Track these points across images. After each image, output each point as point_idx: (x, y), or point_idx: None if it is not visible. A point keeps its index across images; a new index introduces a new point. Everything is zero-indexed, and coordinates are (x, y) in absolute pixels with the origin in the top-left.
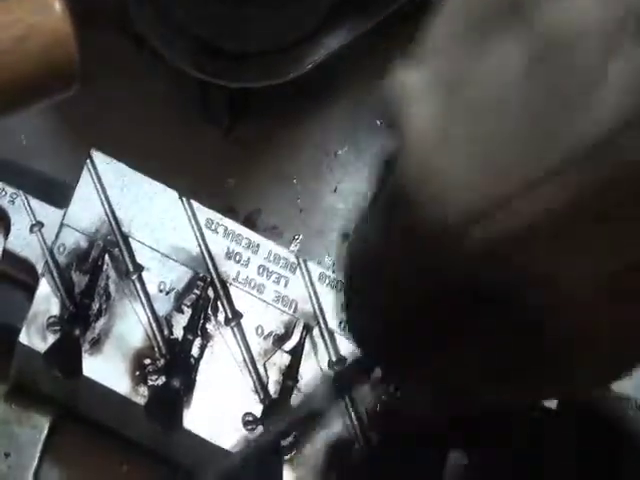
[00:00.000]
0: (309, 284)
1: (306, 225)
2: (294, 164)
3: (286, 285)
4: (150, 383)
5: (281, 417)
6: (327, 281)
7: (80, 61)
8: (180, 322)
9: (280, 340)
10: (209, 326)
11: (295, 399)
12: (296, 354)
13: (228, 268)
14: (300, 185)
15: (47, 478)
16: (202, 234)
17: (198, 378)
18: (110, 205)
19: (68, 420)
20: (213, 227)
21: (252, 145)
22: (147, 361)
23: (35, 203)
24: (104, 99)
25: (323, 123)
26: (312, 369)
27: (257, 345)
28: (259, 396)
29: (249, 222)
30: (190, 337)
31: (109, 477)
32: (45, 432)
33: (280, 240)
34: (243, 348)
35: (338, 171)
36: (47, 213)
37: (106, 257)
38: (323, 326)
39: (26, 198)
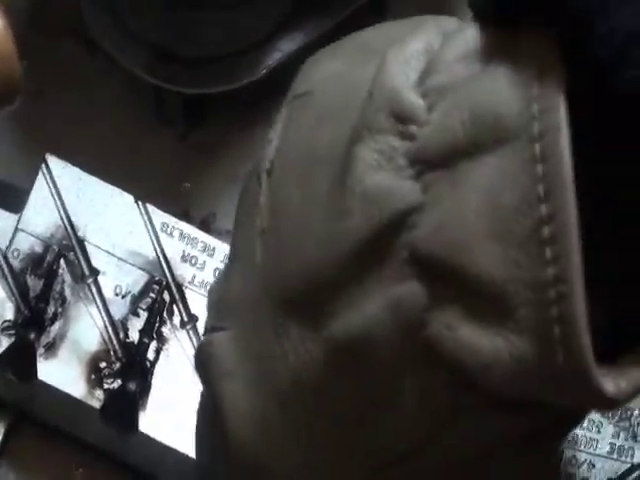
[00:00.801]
0: None
1: None
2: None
3: None
4: (106, 387)
5: None
6: None
7: (22, 77)
8: (136, 325)
9: None
10: (165, 329)
11: None
12: None
13: (184, 271)
14: None
15: None
16: (157, 238)
17: (154, 381)
18: (65, 209)
19: (24, 424)
20: (169, 231)
21: (208, 149)
22: (103, 364)
23: None
24: (58, 105)
25: None
26: None
27: None
28: None
29: (204, 226)
30: (146, 340)
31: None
32: (0, 437)
33: None
34: None
35: None
36: (1, 218)
37: (61, 261)
38: None
39: None
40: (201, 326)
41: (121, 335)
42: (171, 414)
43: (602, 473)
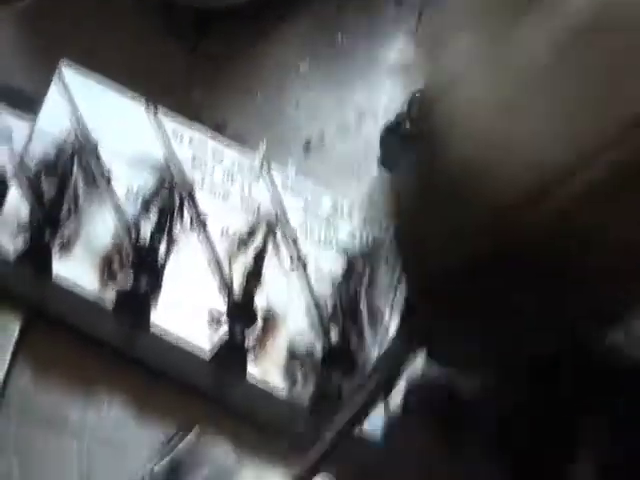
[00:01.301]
0: (273, 189)
1: (269, 136)
2: (257, 79)
3: (250, 191)
4: (118, 285)
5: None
6: (289, 187)
7: None
8: (147, 226)
9: (244, 243)
10: (175, 230)
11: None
12: (259, 256)
13: (194, 175)
14: (263, 99)
15: (18, 379)
16: (168, 143)
17: (165, 280)
18: (79, 115)
19: (39, 322)
20: (179, 136)
21: (217, 60)
22: (115, 264)
23: (5, 114)
24: (72, 14)
25: (285, 39)
26: (275, 270)
27: (222, 248)
28: (224, 296)
29: (214, 132)
30: (157, 241)
31: (79, 377)
32: (16, 334)
33: (244, 150)
34: (208, 251)
35: (299, 85)
36: (17, 123)
37: (75, 164)
38: (285, 229)
39: None
40: (211, 227)
41: (133, 235)
42: (181, 312)
43: None
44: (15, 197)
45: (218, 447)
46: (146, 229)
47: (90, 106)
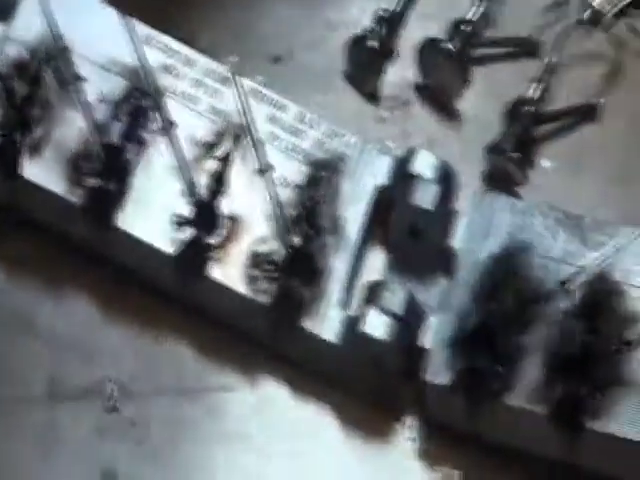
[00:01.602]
0: (241, 98)
1: (239, 50)
2: None
3: (219, 98)
4: (86, 185)
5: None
6: (258, 96)
7: None
8: (116, 130)
9: (210, 149)
10: (144, 134)
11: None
12: (225, 162)
13: (164, 81)
14: (233, 13)
15: None
16: (140, 48)
17: (132, 182)
18: (52, 20)
19: (9, 222)
20: (152, 43)
21: None
22: (84, 165)
23: None
24: None
25: None
26: (240, 177)
27: (189, 152)
28: (189, 200)
29: (187, 42)
30: (126, 143)
31: (48, 278)
32: None
33: (215, 60)
34: (175, 155)
35: None
36: None
37: (47, 68)
38: (252, 137)
39: None
40: (179, 132)
41: (102, 138)
42: (146, 214)
43: (554, 275)
44: None
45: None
46: (115, 132)
47: (63, 11)
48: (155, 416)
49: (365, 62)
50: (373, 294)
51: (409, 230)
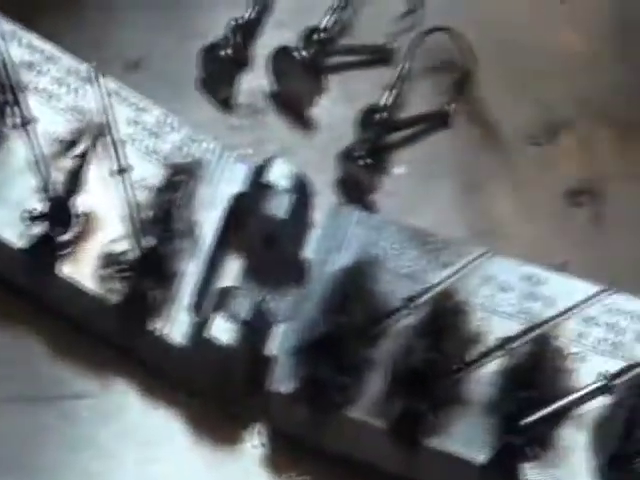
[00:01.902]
0: (103, 97)
1: (97, 55)
2: None
3: (80, 97)
4: None
5: None
6: (120, 97)
7: None
8: None
9: (69, 147)
10: (4, 129)
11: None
12: (83, 160)
13: (26, 77)
14: (92, 19)
15: None
16: (4, 43)
17: None
18: None
19: None
20: (15, 39)
21: None
22: None
23: None
24: None
25: None
26: (98, 176)
27: (48, 149)
28: (45, 195)
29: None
30: None
31: None
32: None
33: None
34: (33, 150)
35: (127, 5)
36: None
37: None
38: (112, 137)
39: None
40: (39, 128)
41: None
42: (1, 207)
43: (401, 291)
44: None
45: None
46: None
47: None
48: (5, 424)
49: (219, 71)
50: (222, 300)
51: (263, 239)
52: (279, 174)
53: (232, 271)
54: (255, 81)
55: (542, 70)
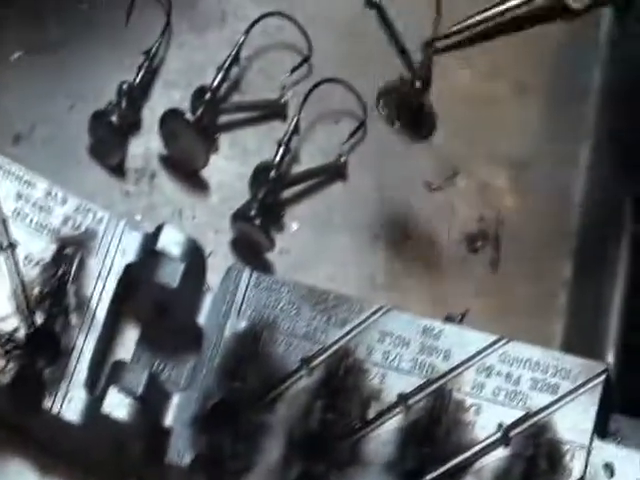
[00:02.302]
0: None
1: None
2: None
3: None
4: None
5: None
6: (4, 171)
7: None
8: None
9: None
10: None
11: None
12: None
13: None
14: None
15: None
16: None
17: None
18: None
19: None
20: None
21: None
22: None
23: None
24: None
25: None
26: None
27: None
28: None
29: None
30: None
31: None
32: None
33: None
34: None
35: (12, 75)
36: None
37: None
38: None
39: None
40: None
41: None
42: None
43: (297, 352)
44: None
45: None
46: None
47: None
48: None
49: (108, 136)
50: (116, 374)
51: (155, 308)
52: (170, 241)
53: (127, 343)
54: (146, 144)
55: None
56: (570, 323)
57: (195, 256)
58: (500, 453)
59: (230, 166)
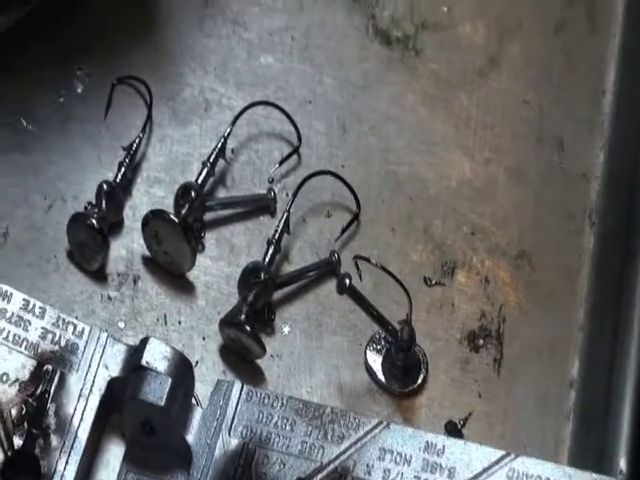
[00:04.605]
0: None
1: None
2: None
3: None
4: None
5: None
6: None
7: None
8: None
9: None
10: None
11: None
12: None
13: None
14: None
15: None
16: None
17: None
18: None
19: None
20: None
21: None
22: None
23: None
24: None
25: None
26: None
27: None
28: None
29: None
30: None
31: None
32: None
33: None
34: None
35: None
36: None
37: None
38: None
39: None
40: None
41: None
42: None
43: (292, 472)
44: None
45: None
46: None
47: None
48: None
49: (88, 239)
50: None
51: (141, 425)
52: (156, 355)
53: (112, 462)
54: (128, 246)
55: (431, 204)
56: (579, 425)
57: (183, 370)
58: None
59: (217, 266)
